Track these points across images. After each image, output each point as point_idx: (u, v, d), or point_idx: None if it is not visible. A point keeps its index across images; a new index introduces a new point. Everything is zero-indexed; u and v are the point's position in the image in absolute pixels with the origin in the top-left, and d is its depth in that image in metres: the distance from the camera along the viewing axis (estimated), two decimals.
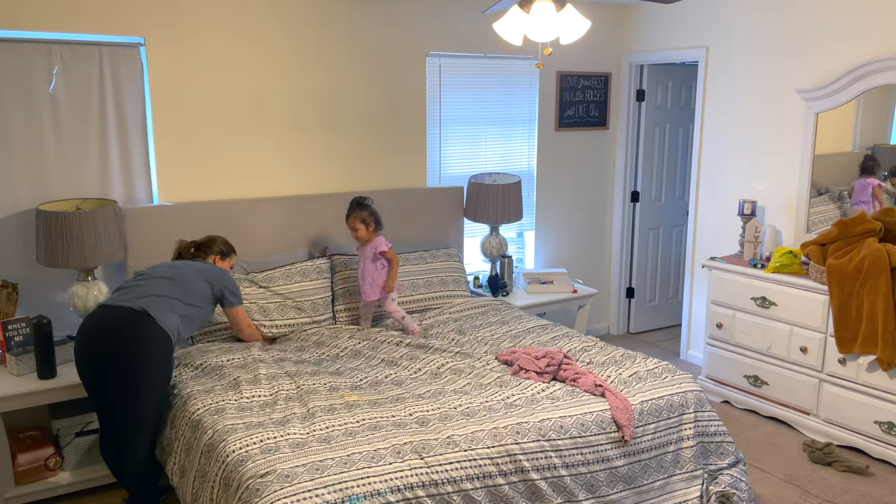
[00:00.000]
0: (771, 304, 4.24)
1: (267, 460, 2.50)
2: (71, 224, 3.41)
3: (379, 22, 4.52)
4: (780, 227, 4.65)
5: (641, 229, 5.81)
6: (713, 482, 3.19)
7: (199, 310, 3.28)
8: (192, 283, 3.26)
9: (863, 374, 3.85)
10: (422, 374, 3.32)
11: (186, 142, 4.04)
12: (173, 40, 3.92)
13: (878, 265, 3.69)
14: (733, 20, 4.82)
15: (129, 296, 3.10)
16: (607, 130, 5.65)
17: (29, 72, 3.59)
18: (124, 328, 2.99)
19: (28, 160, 3.65)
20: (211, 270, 3.39)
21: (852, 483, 3.66)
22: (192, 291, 3.24)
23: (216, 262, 3.53)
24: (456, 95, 4.92)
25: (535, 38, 2.96)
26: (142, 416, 3.02)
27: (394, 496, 2.45)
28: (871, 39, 4.09)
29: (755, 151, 4.79)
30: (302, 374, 3.28)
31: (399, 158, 4.74)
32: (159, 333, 3.03)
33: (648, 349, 5.55)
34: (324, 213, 4.38)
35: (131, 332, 2.98)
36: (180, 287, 3.20)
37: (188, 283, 3.24)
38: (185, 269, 3.32)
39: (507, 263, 4.89)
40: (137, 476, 3.13)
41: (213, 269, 3.43)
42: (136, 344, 2.98)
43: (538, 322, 4.02)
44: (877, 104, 4.13)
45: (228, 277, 3.47)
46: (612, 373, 3.29)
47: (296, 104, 4.33)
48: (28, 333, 3.44)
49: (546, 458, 2.77)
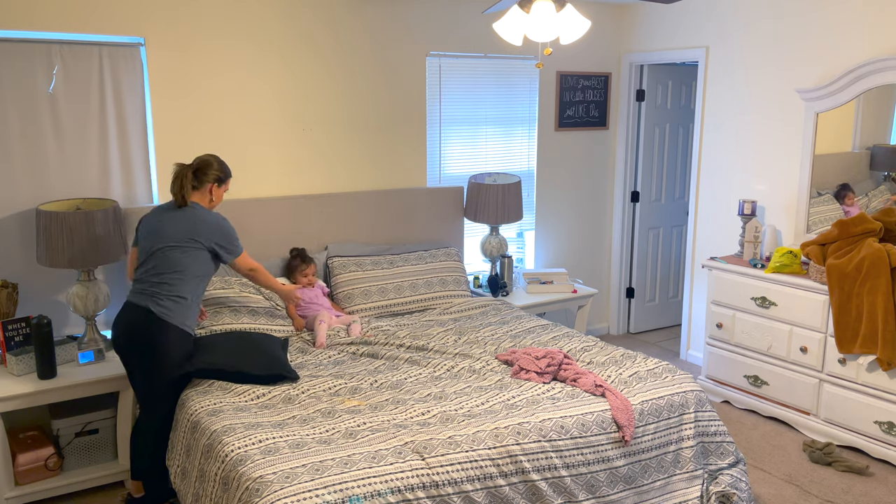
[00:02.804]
0: (771, 304, 4.24)
1: (267, 460, 2.50)
2: (71, 224, 3.41)
3: (379, 22, 4.52)
4: (780, 227, 4.65)
5: (641, 229, 5.81)
6: (713, 482, 3.19)
7: (193, 269, 3.19)
8: (178, 250, 3.17)
9: (863, 374, 3.85)
10: (423, 376, 3.32)
11: (186, 142, 4.04)
12: (173, 40, 3.92)
13: (878, 265, 3.69)
14: (733, 20, 4.82)
15: (136, 288, 3.20)
16: (607, 130, 5.65)
17: (29, 72, 3.59)
18: (132, 328, 3.14)
19: (28, 160, 3.65)
20: (195, 226, 3.21)
21: (852, 483, 3.66)
22: (180, 258, 3.17)
23: (212, 189, 3.34)
24: (456, 95, 4.92)
25: (535, 38, 2.96)
26: (152, 399, 3.16)
27: (394, 497, 2.45)
28: (871, 39, 4.09)
29: (755, 151, 4.79)
30: (302, 375, 3.28)
31: (399, 158, 4.74)
32: (163, 327, 3.09)
33: (648, 349, 5.56)
34: (324, 213, 4.38)
35: (138, 330, 3.12)
36: (167, 261, 3.15)
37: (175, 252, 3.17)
38: (167, 229, 3.19)
39: (507, 263, 4.89)
40: (144, 469, 3.19)
41: (198, 222, 3.23)
42: (143, 340, 3.10)
43: (538, 322, 4.02)
44: (877, 104, 4.13)
45: (218, 227, 3.27)
46: (612, 373, 3.29)
47: (296, 104, 4.33)
48: (28, 333, 3.44)
49: (547, 459, 2.77)
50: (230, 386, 3.10)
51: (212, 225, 3.26)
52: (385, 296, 4.22)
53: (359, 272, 4.24)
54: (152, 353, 3.09)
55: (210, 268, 3.29)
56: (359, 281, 4.20)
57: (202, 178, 3.33)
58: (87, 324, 3.67)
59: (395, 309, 4.23)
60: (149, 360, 3.11)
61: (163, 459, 3.14)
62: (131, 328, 3.12)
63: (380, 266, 4.31)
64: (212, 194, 3.36)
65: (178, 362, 3.14)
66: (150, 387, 3.14)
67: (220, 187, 3.39)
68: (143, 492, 3.24)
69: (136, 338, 3.12)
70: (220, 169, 3.37)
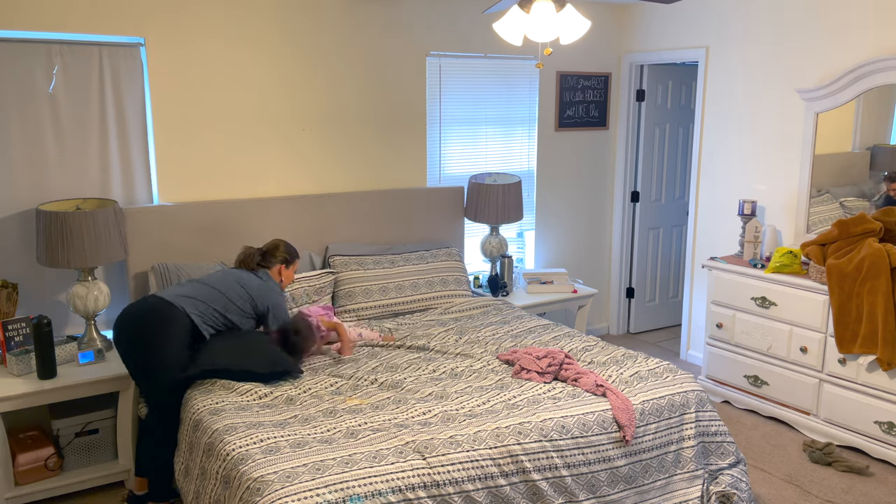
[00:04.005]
0: (771, 304, 4.24)
1: (268, 459, 2.50)
2: (71, 224, 3.41)
3: (379, 22, 4.52)
4: (780, 227, 4.65)
5: (641, 229, 5.81)
6: (714, 482, 3.19)
7: (236, 321, 3.33)
8: (232, 294, 3.32)
9: (863, 374, 3.85)
10: (424, 375, 3.32)
11: (186, 142, 4.04)
12: (173, 41, 3.92)
13: (878, 265, 3.69)
14: (733, 20, 4.82)
15: (170, 291, 3.25)
16: (607, 130, 5.65)
17: (29, 72, 3.58)
18: (147, 314, 3.16)
19: (28, 160, 3.65)
20: (260, 287, 3.38)
21: (852, 483, 3.66)
22: (232, 303, 3.30)
23: (280, 270, 3.53)
24: (456, 95, 4.92)
25: (535, 38, 2.96)
26: (154, 397, 3.16)
27: (395, 496, 2.45)
28: (871, 39, 4.09)
29: (755, 151, 4.79)
30: (303, 375, 3.28)
31: (399, 158, 4.74)
32: (180, 320, 3.14)
33: (648, 349, 5.56)
34: (324, 213, 4.38)
35: (153, 316, 3.14)
36: (220, 296, 3.28)
37: (230, 294, 3.31)
38: (231, 278, 3.36)
39: (507, 263, 4.90)
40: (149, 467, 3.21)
41: (263, 286, 3.40)
42: (154, 328, 3.13)
43: (539, 322, 4.02)
44: (877, 104, 4.13)
45: (278, 298, 3.44)
46: (613, 372, 3.29)
47: (296, 104, 4.33)
48: (28, 333, 3.44)
49: (547, 459, 2.77)
50: (232, 385, 3.10)
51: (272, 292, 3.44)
52: (386, 295, 4.22)
53: (360, 271, 4.24)
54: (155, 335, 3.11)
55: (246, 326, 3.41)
56: (360, 280, 4.20)
57: (270, 259, 3.52)
58: (87, 324, 3.67)
59: (396, 308, 4.23)
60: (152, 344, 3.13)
61: (169, 458, 3.13)
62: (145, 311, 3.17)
63: (381, 265, 4.31)
64: (281, 275, 3.55)
65: (177, 352, 3.14)
66: (154, 382, 3.14)
67: (289, 268, 3.56)
68: (146, 489, 3.24)
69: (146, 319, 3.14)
70: (287, 251, 3.57)
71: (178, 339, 3.14)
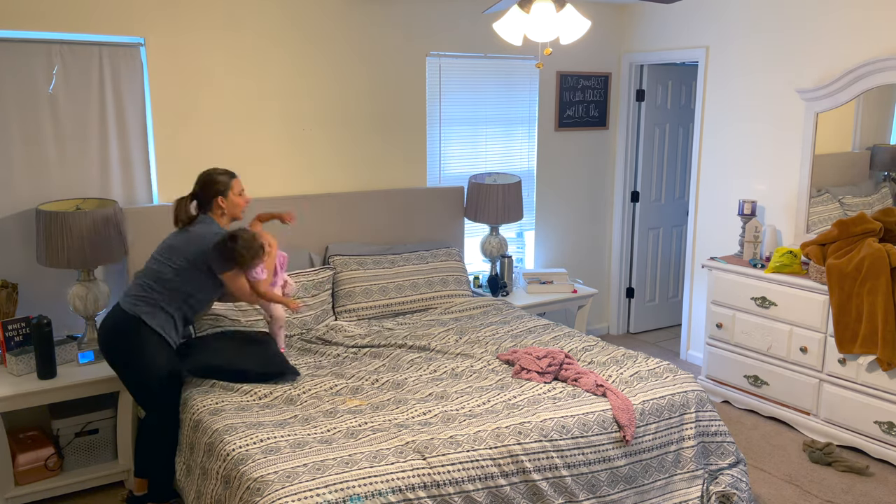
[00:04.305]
0: (771, 304, 4.24)
1: (268, 459, 2.50)
2: (71, 224, 3.41)
3: (379, 22, 4.52)
4: (780, 227, 4.65)
5: (641, 229, 5.81)
6: (714, 482, 3.19)
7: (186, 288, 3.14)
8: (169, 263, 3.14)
9: (863, 374, 3.85)
10: (424, 375, 3.32)
11: (186, 142, 4.03)
12: (173, 40, 3.92)
13: (878, 265, 3.69)
14: (733, 20, 4.82)
15: (129, 294, 3.19)
16: (607, 130, 5.65)
17: (29, 72, 3.58)
18: (112, 337, 3.14)
19: (28, 160, 3.65)
20: (187, 241, 3.14)
21: (852, 483, 3.66)
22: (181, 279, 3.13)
23: (219, 202, 3.23)
24: (456, 95, 4.92)
25: (535, 38, 2.96)
26: (150, 403, 3.16)
27: (395, 496, 2.45)
28: (871, 39, 4.09)
29: (755, 151, 4.79)
30: (303, 375, 3.28)
31: (399, 158, 4.74)
32: (142, 331, 3.08)
33: (648, 349, 5.56)
34: (324, 213, 4.38)
35: (117, 339, 3.12)
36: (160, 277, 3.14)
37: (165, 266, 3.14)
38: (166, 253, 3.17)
39: (507, 263, 4.90)
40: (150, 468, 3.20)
41: (190, 238, 3.15)
42: (123, 346, 3.11)
43: (539, 322, 4.02)
44: (877, 104, 4.13)
45: (207, 238, 3.14)
46: (613, 372, 3.29)
47: (295, 104, 4.33)
48: (28, 333, 3.44)
49: (548, 459, 2.77)
50: (232, 385, 3.11)
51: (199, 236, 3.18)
52: (386, 295, 4.22)
53: (360, 271, 4.24)
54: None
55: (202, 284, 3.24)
56: (360, 280, 4.20)
57: (206, 200, 3.26)
58: (87, 324, 3.67)
59: (396, 308, 4.23)
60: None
61: (169, 459, 3.13)
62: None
63: (381, 265, 4.31)
64: (223, 208, 3.26)
65: (154, 358, 3.10)
66: (146, 391, 3.14)
67: (228, 196, 3.26)
68: (145, 490, 3.24)
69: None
70: (218, 180, 3.25)
71: (151, 348, 3.07)
